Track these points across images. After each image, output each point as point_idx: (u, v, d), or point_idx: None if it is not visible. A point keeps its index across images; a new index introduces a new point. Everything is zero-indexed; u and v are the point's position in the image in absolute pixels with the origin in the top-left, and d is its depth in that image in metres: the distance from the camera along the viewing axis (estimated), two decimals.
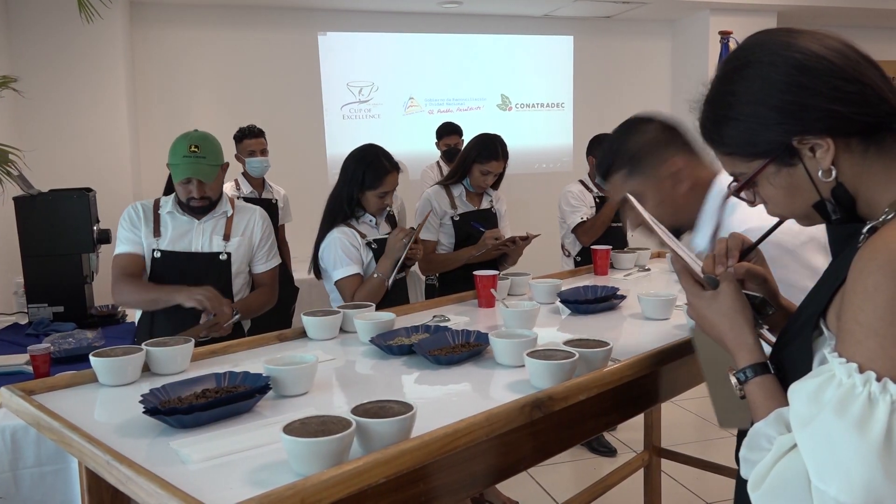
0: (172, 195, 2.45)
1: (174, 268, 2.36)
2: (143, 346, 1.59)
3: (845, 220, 0.93)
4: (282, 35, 5.45)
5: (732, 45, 5.53)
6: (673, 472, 3.36)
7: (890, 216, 0.85)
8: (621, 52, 6.30)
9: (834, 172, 0.89)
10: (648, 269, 2.84)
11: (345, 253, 2.51)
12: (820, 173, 0.90)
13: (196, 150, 2.33)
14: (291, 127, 5.44)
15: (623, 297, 2.19)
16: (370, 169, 2.58)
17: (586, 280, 2.64)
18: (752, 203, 1.00)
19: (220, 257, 2.40)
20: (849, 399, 0.75)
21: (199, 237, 2.41)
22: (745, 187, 0.97)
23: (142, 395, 1.31)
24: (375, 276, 2.52)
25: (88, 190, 3.35)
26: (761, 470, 0.82)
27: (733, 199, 1.33)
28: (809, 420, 0.78)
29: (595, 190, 3.70)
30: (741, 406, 1.42)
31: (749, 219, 1.29)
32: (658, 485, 3.04)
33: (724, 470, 2.94)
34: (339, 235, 2.54)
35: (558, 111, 6.21)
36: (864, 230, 0.87)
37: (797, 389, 0.82)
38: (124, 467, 1.06)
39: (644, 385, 1.61)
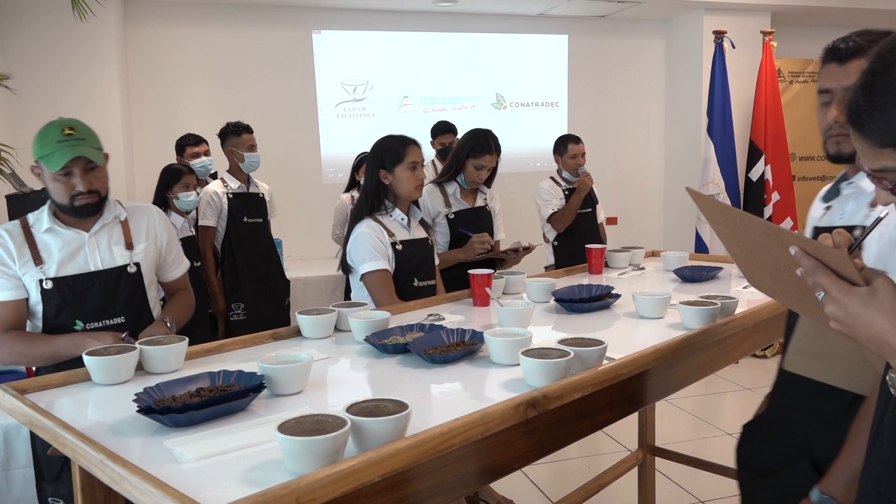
0: (43, 209, 2.02)
1: (73, 295, 1.94)
2: (137, 344, 1.59)
3: None
4: (276, 33, 5.44)
5: (726, 45, 5.53)
6: (667, 471, 3.36)
7: None
8: (616, 52, 6.30)
9: None
10: (643, 268, 2.84)
11: (372, 246, 2.35)
12: None
13: (72, 132, 1.92)
14: (285, 125, 5.43)
15: (617, 296, 2.19)
16: (387, 150, 2.46)
17: (581, 279, 2.64)
18: None
19: (129, 270, 2.03)
20: None
21: (95, 252, 2.00)
22: None
23: (135, 394, 1.31)
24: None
25: None
26: None
27: None
28: None
29: (563, 184, 4.15)
30: (816, 354, 1.39)
31: None
32: (652, 483, 3.05)
33: (718, 468, 2.95)
34: (366, 230, 2.39)
35: (553, 110, 6.21)
36: None
37: None
38: (118, 466, 1.05)
39: (638, 383, 1.61)
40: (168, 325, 1.98)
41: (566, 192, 4.12)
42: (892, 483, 0.91)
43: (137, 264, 2.04)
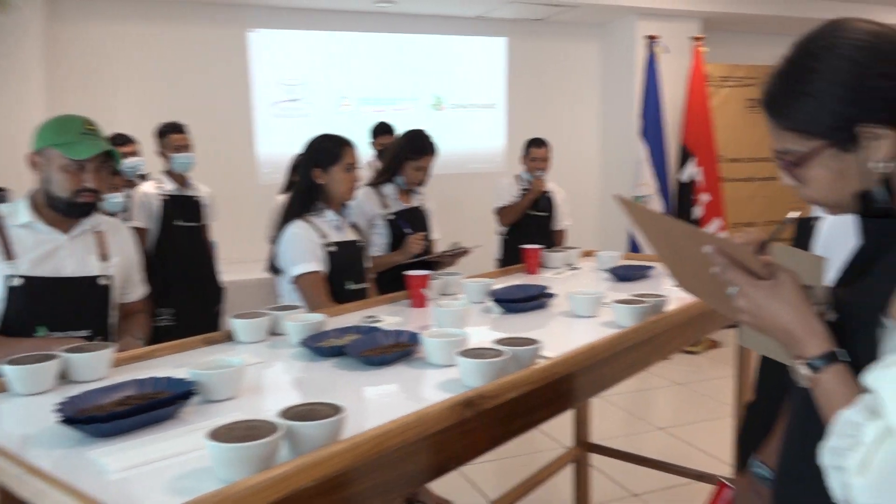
0: (18, 202, 1.92)
1: (42, 298, 1.83)
2: (59, 351, 1.52)
3: (884, 213, 0.95)
4: (210, 31, 5.32)
5: (659, 50, 5.69)
6: (602, 466, 3.43)
7: None
8: (553, 55, 6.39)
9: (885, 165, 0.91)
10: (578, 268, 2.89)
11: (305, 247, 2.32)
12: (870, 164, 0.91)
13: (93, 127, 1.89)
14: (220, 126, 5.31)
15: (553, 296, 2.22)
16: (323, 149, 2.44)
17: (517, 279, 2.67)
18: (794, 181, 0.99)
19: (99, 282, 1.93)
20: None
21: (71, 257, 1.90)
22: (799, 164, 0.97)
23: (57, 404, 1.26)
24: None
25: (2, 190, 3.20)
26: (864, 458, 0.81)
27: None
28: None
29: (524, 183, 4.42)
30: None
31: None
32: (587, 479, 3.10)
33: (652, 462, 3.03)
34: (298, 230, 2.35)
35: (491, 111, 6.26)
36: None
37: (882, 376, 0.82)
38: (38, 480, 1.01)
39: (573, 381, 1.63)
40: (140, 342, 1.91)
41: (523, 192, 4.39)
42: (800, 466, 0.97)
43: (109, 277, 1.95)
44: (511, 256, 4.22)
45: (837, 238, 1.41)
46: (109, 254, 1.98)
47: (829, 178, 0.95)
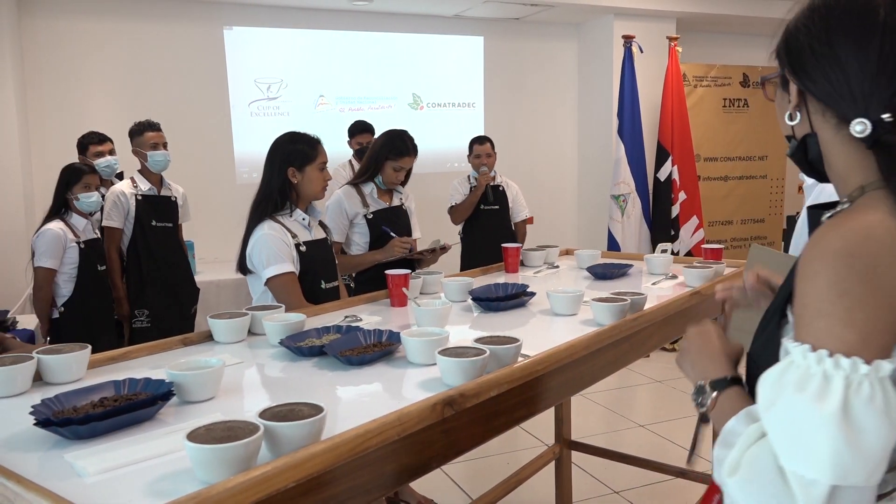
0: None
1: None
2: (34, 353, 1.50)
3: (806, 170, 1.00)
4: (185, 28, 5.26)
5: (635, 49, 5.72)
6: (583, 464, 3.45)
7: (846, 206, 0.90)
8: (530, 54, 6.41)
9: (798, 118, 0.96)
10: (557, 267, 2.90)
11: (277, 248, 2.29)
12: (787, 114, 0.98)
13: None
14: (196, 124, 5.26)
15: (533, 294, 2.23)
16: (298, 148, 2.41)
17: (497, 278, 2.67)
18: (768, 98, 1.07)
19: None
20: (805, 378, 0.79)
21: None
22: (769, 82, 1.06)
23: (32, 406, 1.24)
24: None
25: None
26: (734, 457, 0.84)
27: None
28: (773, 403, 0.82)
29: (473, 181, 4.46)
30: (748, 331, 1.55)
31: None
32: (569, 476, 3.12)
33: (632, 459, 3.05)
34: (270, 231, 2.31)
35: (469, 110, 6.26)
36: (823, 219, 0.93)
37: (764, 377, 0.85)
38: (12, 483, 0.99)
39: (553, 379, 1.64)
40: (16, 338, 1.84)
41: (472, 189, 4.43)
42: None
43: None
44: (470, 254, 4.36)
45: (803, 232, 1.51)
46: None
47: (777, 111, 1.02)
